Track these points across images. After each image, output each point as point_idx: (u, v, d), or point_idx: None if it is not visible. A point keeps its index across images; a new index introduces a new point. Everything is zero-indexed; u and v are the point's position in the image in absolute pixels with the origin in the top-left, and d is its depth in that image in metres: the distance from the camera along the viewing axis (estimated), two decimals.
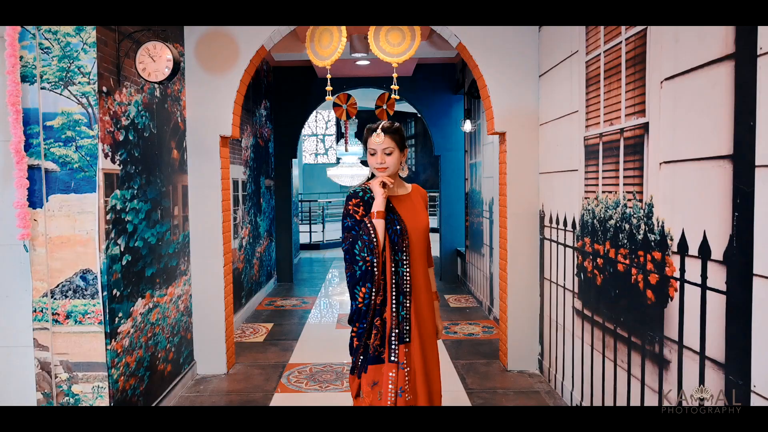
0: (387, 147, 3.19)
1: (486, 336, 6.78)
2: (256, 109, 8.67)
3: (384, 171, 3.20)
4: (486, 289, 7.93)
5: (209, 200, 5.40)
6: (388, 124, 3.24)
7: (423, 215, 3.29)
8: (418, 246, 3.21)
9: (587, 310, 4.25)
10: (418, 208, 3.29)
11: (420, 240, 3.22)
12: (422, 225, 3.24)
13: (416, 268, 3.19)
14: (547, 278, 5.17)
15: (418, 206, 3.30)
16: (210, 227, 5.41)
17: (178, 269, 5.06)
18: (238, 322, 7.26)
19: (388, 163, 3.19)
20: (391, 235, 3.15)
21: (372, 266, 3.08)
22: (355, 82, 10.18)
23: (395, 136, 3.22)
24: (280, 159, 10.30)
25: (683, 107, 2.98)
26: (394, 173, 3.26)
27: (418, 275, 3.20)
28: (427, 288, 3.26)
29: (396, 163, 3.22)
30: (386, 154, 3.19)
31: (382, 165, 3.19)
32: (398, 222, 3.17)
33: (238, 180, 7.51)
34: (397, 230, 3.15)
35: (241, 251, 7.61)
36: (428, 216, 3.35)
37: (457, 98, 10.17)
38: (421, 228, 3.23)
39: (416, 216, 3.24)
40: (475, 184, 8.75)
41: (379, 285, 3.10)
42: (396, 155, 3.21)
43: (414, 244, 3.19)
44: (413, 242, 3.19)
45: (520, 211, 5.40)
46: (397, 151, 3.21)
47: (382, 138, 3.18)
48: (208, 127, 5.37)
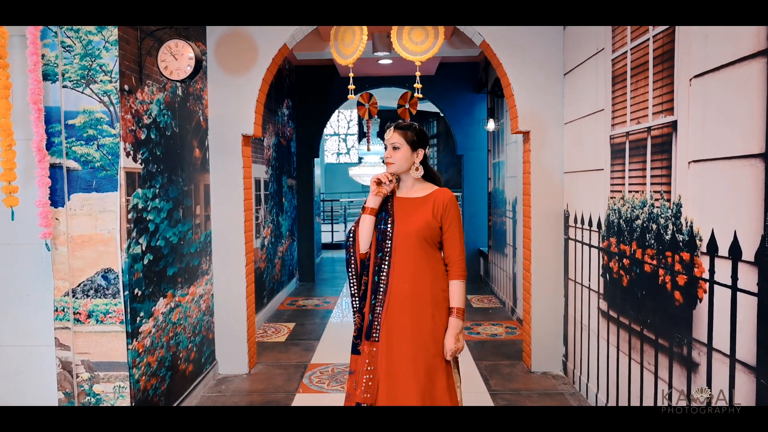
0: (395, 142, 3.17)
1: (509, 337, 6.71)
2: (278, 108, 8.66)
3: (390, 167, 3.19)
4: (509, 290, 7.86)
5: (231, 199, 5.39)
6: (402, 121, 3.25)
7: (420, 219, 3.11)
8: (406, 250, 3.10)
9: (613, 312, 4.18)
10: (421, 211, 3.13)
11: (408, 244, 3.10)
12: (413, 228, 3.09)
13: (400, 272, 3.09)
14: (571, 279, 5.09)
15: (423, 210, 3.14)
16: (232, 227, 5.40)
17: (200, 269, 5.05)
18: (259, 322, 7.25)
19: (394, 158, 3.17)
20: (377, 234, 3.16)
21: (349, 256, 3.26)
22: (377, 82, 10.15)
23: (405, 132, 3.17)
24: (302, 158, 10.29)
25: (713, 105, 2.91)
26: (403, 172, 3.20)
27: (401, 280, 3.07)
28: (417, 298, 3.07)
29: (403, 161, 3.16)
30: (393, 149, 3.17)
31: (388, 159, 3.18)
32: (386, 222, 3.15)
33: (260, 179, 7.51)
34: (381, 230, 3.15)
35: (263, 251, 7.61)
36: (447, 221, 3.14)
37: (480, 97, 10.10)
38: (410, 231, 3.10)
39: (411, 219, 3.12)
40: (498, 184, 8.68)
41: (359, 280, 3.21)
42: (404, 152, 3.16)
43: (398, 246, 3.11)
44: (397, 245, 3.11)
45: (544, 211, 5.33)
46: (406, 148, 3.16)
47: (391, 133, 3.18)
48: (231, 126, 5.36)
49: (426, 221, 3.10)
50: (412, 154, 3.19)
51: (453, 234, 3.14)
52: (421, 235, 3.09)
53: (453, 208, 3.15)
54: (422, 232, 3.09)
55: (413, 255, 3.10)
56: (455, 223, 3.14)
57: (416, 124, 3.27)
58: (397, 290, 3.07)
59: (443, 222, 3.12)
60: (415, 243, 3.10)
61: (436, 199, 3.16)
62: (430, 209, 3.14)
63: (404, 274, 3.08)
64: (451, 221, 3.13)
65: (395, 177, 3.23)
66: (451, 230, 3.14)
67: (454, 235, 3.14)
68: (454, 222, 3.14)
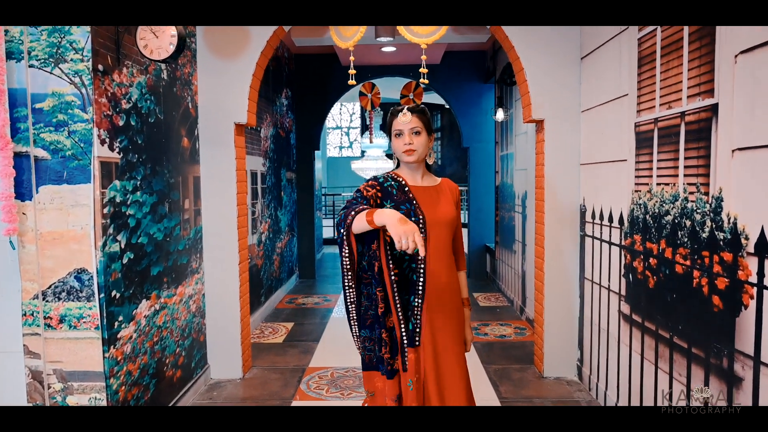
0: (415, 126, 2.87)
1: (519, 338, 6.35)
2: (276, 98, 8.30)
3: (412, 154, 2.86)
4: (518, 288, 7.49)
5: (223, 193, 5.03)
6: (415, 104, 2.97)
7: (448, 208, 2.93)
8: (440, 241, 2.86)
9: (636, 315, 3.81)
10: (443, 200, 2.95)
11: (442, 235, 2.87)
12: (446, 218, 2.89)
13: (436, 265, 2.84)
14: (588, 278, 4.73)
15: (444, 199, 2.95)
16: (224, 222, 5.05)
17: (189, 267, 4.69)
18: (256, 322, 6.91)
19: (416, 144, 2.86)
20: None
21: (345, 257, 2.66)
22: (380, 71, 9.78)
23: (423, 117, 2.91)
24: (302, 151, 9.93)
25: (764, 84, 2.54)
26: (422, 160, 2.94)
27: (438, 273, 2.84)
28: (451, 290, 2.91)
29: (424, 147, 2.90)
30: (414, 134, 2.87)
31: (410, 146, 2.86)
32: (414, 213, 2.81)
33: (257, 172, 7.15)
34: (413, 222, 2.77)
35: (260, 247, 7.25)
36: (458, 211, 3.00)
37: (488, 87, 9.72)
38: (444, 221, 2.88)
39: (440, 208, 2.90)
40: (506, 177, 8.31)
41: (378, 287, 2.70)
42: (424, 137, 2.90)
43: (433, 238, 2.84)
44: (432, 236, 2.83)
45: (558, 206, 4.96)
46: (425, 133, 2.90)
47: (410, 117, 2.87)
48: (222, 114, 5.00)
49: (452, 210, 2.95)
50: (428, 139, 2.95)
51: (460, 227, 3.08)
52: (452, 225, 2.93)
53: (459, 198, 3.09)
54: (453, 221, 2.93)
55: (444, 245, 2.89)
56: (460, 213, 3.05)
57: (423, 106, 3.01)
58: (435, 284, 2.83)
59: (456, 211, 3.00)
60: (446, 233, 2.90)
61: (450, 189, 3.04)
62: (450, 198, 2.99)
63: (440, 266, 2.86)
64: (459, 211, 3.02)
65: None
66: (459, 221, 3.04)
67: (460, 226, 3.07)
68: (459, 213, 3.05)
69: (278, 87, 8.44)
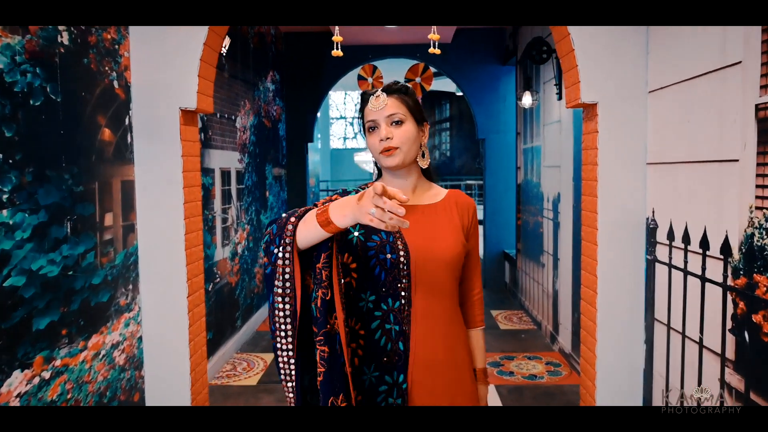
0: (394, 113, 1.94)
1: (554, 380, 5.06)
2: (259, 82, 7.01)
3: (392, 155, 1.92)
4: (547, 310, 6.20)
5: (166, 202, 3.75)
6: (394, 83, 2.02)
7: (451, 237, 1.97)
8: (434, 289, 1.92)
9: (757, 395, 2.53)
10: (445, 224, 1.99)
11: (438, 279, 1.93)
12: (445, 253, 1.93)
13: (427, 329, 1.90)
14: (661, 321, 3.44)
15: (445, 222, 2.00)
16: (167, 241, 3.77)
17: (113, 305, 3.43)
18: (228, 353, 5.64)
19: (398, 139, 1.92)
20: (376, 268, 1.87)
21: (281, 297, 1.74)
22: (382, 51, 8.53)
23: (405, 98, 1.97)
24: (293, 143, 8.65)
25: None
26: (409, 163, 1.97)
27: (430, 343, 1.90)
28: (454, 365, 1.95)
29: (412, 143, 1.95)
30: (394, 124, 1.94)
31: (389, 143, 1.91)
32: (392, 248, 1.88)
33: (230, 170, 5.87)
34: (387, 260, 1.87)
35: (235, 261, 5.97)
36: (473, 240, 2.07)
37: (506, 70, 8.45)
38: (441, 258, 1.92)
39: (436, 237, 1.95)
40: (530, 175, 7.00)
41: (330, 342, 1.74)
42: (410, 128, 1.95)
43: (423, 285, 1.91)
44: (421, 282, 1.90)
45: (615, 219, 3.67)
46: (411, 122, 1.96)
47: (384, 100, 1.93)
48: (164, 97, 3.71)
49: (456, 239, 1.98)
50: (418, 130, 2.00)
51: (475, 258, 2.12)
52: (454, 263, 1.96)
53: (476, 220, 2.11)
54: (456, 257, 1.96)
55: (442, 294, 1.95)
56: (477, 241, 2.13)
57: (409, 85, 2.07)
58: (424, 360, 1.90)
59: (469, 238, 2.05)
60: (445, 276, 1.95)
61: (458, 206, 2.06)
62: (455, 221, 2.01)
63: (435, 332, 1.92)
64: (475, 239, 2.10)
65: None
66: (474, 252, 2.11)
67: (476, 260, 2.13)
68: (477, 240, 2.12)
69: (262, 69, 7.15)
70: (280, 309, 1.72)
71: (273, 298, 1.73)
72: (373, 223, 1.51)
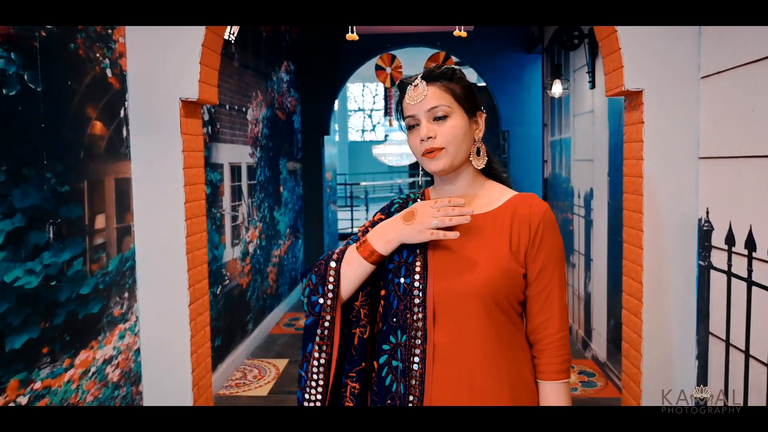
0: (436, 106, 1.59)
1: (588, 391, 4.67)
2: (272, 72, 6.67)
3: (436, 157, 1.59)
4: (579, 314, 5.82)
5: (165, 202, 3.42)
6: (436, 67, 1.65)
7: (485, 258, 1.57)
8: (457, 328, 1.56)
9: None
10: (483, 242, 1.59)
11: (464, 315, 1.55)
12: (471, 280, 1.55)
13: (445, 381, 1.56)
14: (716, 335, 3.06)
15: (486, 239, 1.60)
16: (166, 244, 3.44)
17: (105, 316, 3.11)
18: (238, 359, 5.32)
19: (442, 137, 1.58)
20: (390, 294, 1.61)
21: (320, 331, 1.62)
22: (400, 40, 8.17)
23: (450, 86, 1.62)
24: (308, 136, 8.30)
25: None
26: (459, 165, 1.63)
27: (457, 389, 1.56)
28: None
29: (460, 140, 1.60)
30: (436, 119, 1.59)
31: (431, 143, 1.58)
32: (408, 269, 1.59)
33: (241, 165, 5.53)
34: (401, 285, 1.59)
35: (246, 261, 5.64)
36: (533, 260, 1.60)
37: (531, 58, 8.07)
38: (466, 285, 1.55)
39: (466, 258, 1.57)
40: (558, 169, 6.61)
41: None
42: (457, 121, 1.60)
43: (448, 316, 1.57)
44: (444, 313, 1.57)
45: (663, 220, 3.29)
46: (459, 115, 1.61)
47: (423, 90, 1.59)
48: (162, 86, 3.38)
49: (495, 263, 1.56)
50: (470, 123, 1.64)
51: (550, 287, 1.61)
52: (487, 295, 1.55)
53: (551, 234, 1.62)
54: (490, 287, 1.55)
55: (473, 335, 1.56)
56: (556, 264, 1.62)
57: (457, 67, 1.68)
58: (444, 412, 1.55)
59: (532, 261, 1.60)
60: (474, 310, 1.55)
61: (516, 216, 1.61)
62: (505, 237, 1.60)
63: (460, 379, 1.57)
64: (547, 260, 1.60)
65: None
66: (546, 279, 1.60)
67: (552, 291, 1.61)
68: (553, 262, 1.61)
69: (275, 58, 6.81)
70: (315, 359, 1.60)
71: (311, 347, 1.60)
72: (435, 236, 1.52)
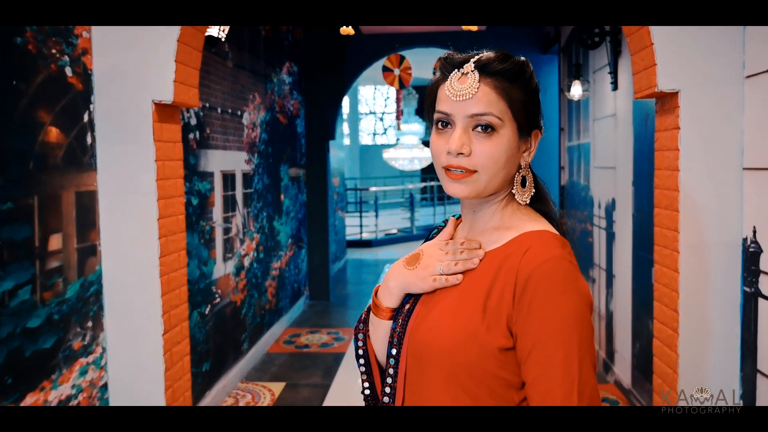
0: (484, 113, 1.16)
1: None
2: (272, 74, 6.28)
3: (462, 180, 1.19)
4: (599, 332, 5.38)
5: (137, 218, 3.03)
6: (496, 55, 1.20)
7: (455, 314, 1.18)
8: (423, 389, 1.21)
9: None
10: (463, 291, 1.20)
11: (428, 376, 1.20)
12: (436, 339, 1.18)
13: None
14: (765, 373, 2.64)
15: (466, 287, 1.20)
16: (137, 266, 3.05)
17: (61, 351, 2.72)
18: (231, 384, 4.92)
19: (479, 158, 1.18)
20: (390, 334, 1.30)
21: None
22: (409, 40, 7.76)
23: (512, 88, 1.19)
24: (312, 141, 7.90)
25: None
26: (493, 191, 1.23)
27: None
28: None
29: (502, 164, 1.19)
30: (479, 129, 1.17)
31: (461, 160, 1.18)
32: (396, 315, 1.29)
33: (235, 172, 5.15)
34: (393, 337, 1.27)
35: (241, 276, 5.25)
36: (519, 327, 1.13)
37: (547, 59, 7.64)
38: (430, 344, 1.19)
39: (442, 309, 1.21)
40: (576, 176, 6.18)
41: None
42: (505, 139, 1.18)
43: (413, 379, 1.23)
44: (411, 370, 1.23)
45: (702, 240, 2.86)
46: (510, 129, 1.19)
47: (474, 82, 1.16)
48: (133, 87, 3.00)
49: (464, 323, 1.17)
50: (519, 143, 1.23)
51: (550, 375, 1.12)
52: (450, 360, 1.18)
53: (549, 297, 1.13)
54: (458, 356, 1.17)
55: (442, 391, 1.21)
56: (560, 342, 1.12)
57: (522, 58, 1.24)
58: None
59: (520, 333, 1.14)
60: (436, 377, 1.19)
61: (504, 269, 1.18)
62: (481, 292, 1.18)
63: None
64: (542, 333, 1.12)
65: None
66: (543, 362, 1.12)
67: (553, 381, 1.12)
68: (555, 338, 1.12)
69: (276, 59, 6.42)
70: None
71: None
72: (439, 284, 1.21)
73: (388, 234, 14.14)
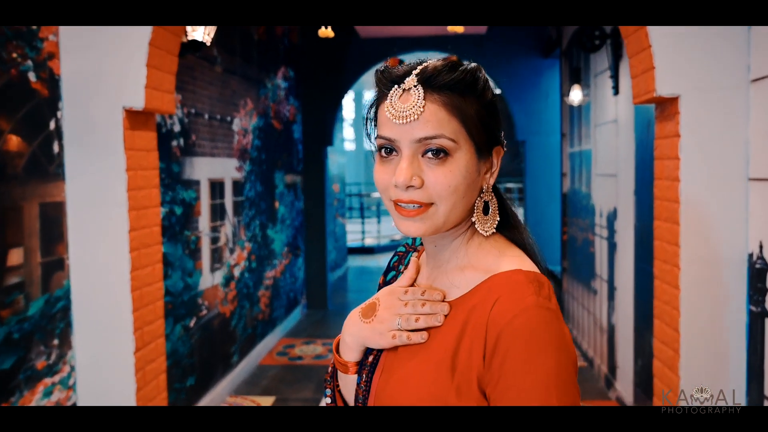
0: (434, 135, 0.99)
1: None
2: (266, 79, 6.13)
3: (415, 217, 1.01)
4: (601, 347, 5.20)
5: (106, 230, 2.88)
6: (443, 64, 1.00)
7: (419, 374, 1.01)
8: None
9: None
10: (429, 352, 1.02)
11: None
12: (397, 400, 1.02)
13: None
14: None
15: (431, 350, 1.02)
16: (106, 281, 2.89)
17: (22, 371, 2.57)
18: (219, 398, 4.76)
19: (432, 189, 1.00)
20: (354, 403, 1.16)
21: None
22: (408, 44, 7.63)
23: (464, 103, 1.00)
24: (310, 147, 7.75)
25: None
26: (454, 223, 1.05)
27: None
28: None
29: (462, 192, 1.01)
30: (429, 154, 1.00)
31: (411, 194, 1.00)
32: (361, 368, 1.14)
33: (224, 180, 4.99)
34: (359, 394, 1.13)
35: (230, 287, 5.09)
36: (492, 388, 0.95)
37: (549, 63, 7.50)
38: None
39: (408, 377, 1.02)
40: (578, 183, 6.01)
41: None
42: (461, 164, 1.00)
43: None
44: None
45: (705, 256, 2.69)
46: (467, 151, 1.01)
47: (418, 100, 0.97)
48: (103, 93, 2.85)
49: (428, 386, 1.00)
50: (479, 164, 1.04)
51: None
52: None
53: (523, 354, 0.94)
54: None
55: None
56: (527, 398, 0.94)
57: (472, 64, 1.04)
58: None
59: (492, 393, 0.96)
60: None
61: (474, 313, 0.99)
62: (450, 347, 1.00)
63: None
64: (513, 395, 0.94)
65: None
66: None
67: None
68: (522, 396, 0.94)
69: (270, 64, 6.27)
70: None
71: None
72: (399, 341, 1.04)
73: (392, 240, 13.96)
